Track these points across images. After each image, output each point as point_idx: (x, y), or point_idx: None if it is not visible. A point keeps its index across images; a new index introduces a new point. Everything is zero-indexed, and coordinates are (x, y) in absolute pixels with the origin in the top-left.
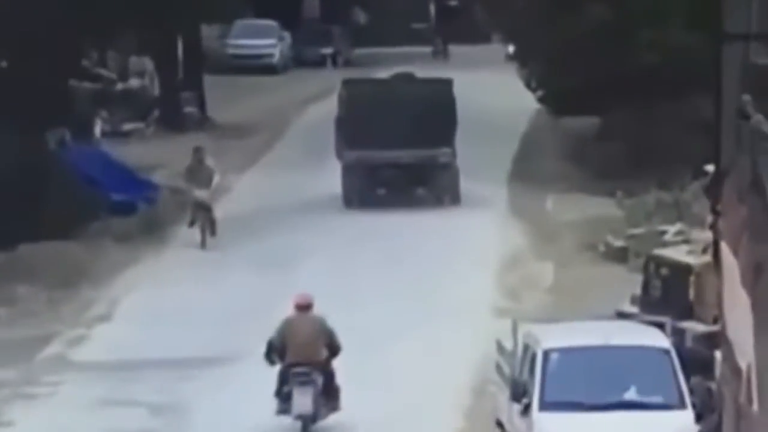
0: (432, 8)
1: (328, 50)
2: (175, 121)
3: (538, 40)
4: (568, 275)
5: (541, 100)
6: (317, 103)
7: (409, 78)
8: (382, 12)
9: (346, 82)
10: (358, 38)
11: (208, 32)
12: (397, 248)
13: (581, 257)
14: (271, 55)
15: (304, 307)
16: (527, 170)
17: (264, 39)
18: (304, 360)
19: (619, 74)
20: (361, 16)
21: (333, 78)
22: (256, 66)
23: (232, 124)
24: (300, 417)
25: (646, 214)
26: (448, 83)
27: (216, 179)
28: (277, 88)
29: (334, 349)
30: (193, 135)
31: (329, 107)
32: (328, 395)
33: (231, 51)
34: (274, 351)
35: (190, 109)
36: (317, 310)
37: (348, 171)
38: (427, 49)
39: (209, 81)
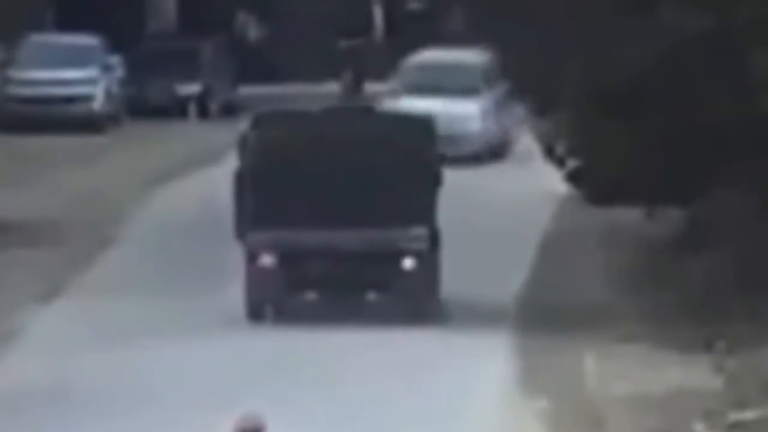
0: (378, 15)
1: (191, 88)
2: None
3: (569, 70)
4: None
5: (572, 178)
6: (175, 185)
7: (363, 113)
8: (289, 20)
9: (260, 119)
10: (246, 66)
11: None
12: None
13: None
14: (88, 98)
15: None
16: (549, 303)
17: (75, 69)
18: None
19: (721, 128)
20: (251, 28)
21: (200, 138)
22: (60, 117)
23: (15, 221)
24: None
25: (763, 384)
26: (426, 123)
27: None
28: (101, 156)
29: None
30: None
31: (197, 191)
32: None
33: (16, 91)
34: None
35: None
36: None
37: (256, 261)
38: (378, 86)
39: None
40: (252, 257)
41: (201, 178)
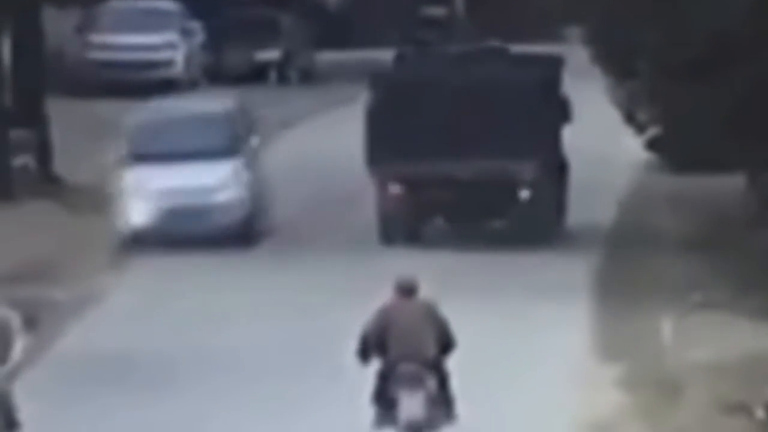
0: None
1: (271, 54)
2: None
3: (649, 37)
4: None
5: (653, 145)
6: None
7: (495, 52)
8: None
9: (399, 57)
10: (325, 34)
11: (57, 22)
12: None
13: (722, 428)
14: (169, 63)
15: (407, 292)
16: (627, 271)
17: (156, 34)
18: (413, 355)
19: None
20: None
21: (281, 102)
22: (140, 82)
23: (91, 186)
24: (410, 426)
25: None
26: (554, 63)
27: (19, 347)
28: None
29: (447, 344)
30: (28, 206)
31: (278, 155)
32: (443, 402)
33: (97, 55)
34: (371, 347)
35: (23, 161)
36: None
37: (387, 190)
38: None
39: (59, 109)
40: (382, 186)
41: (283, 141)
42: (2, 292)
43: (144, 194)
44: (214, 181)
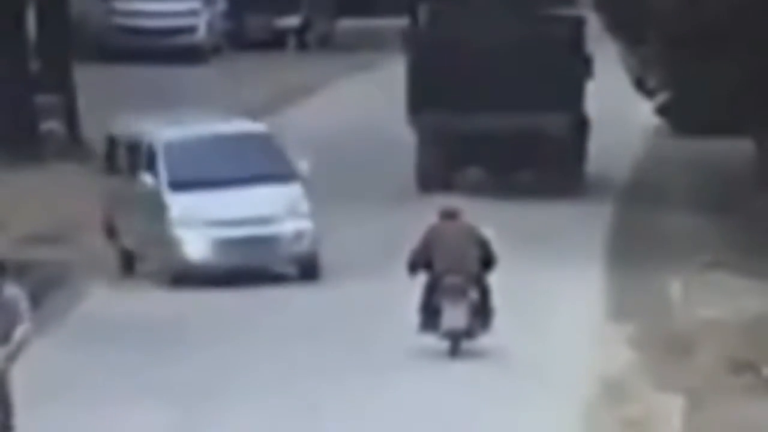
0: None
1: (290, 21)
2: (24, 144)
3: (661, 5)
4: (707, 419)
5: (662, 111)
6: (281, 113)
7: (523, 14)
8: None
9: (431, 13)
10: (345, 2)
11: None
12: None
13: (729, 385)
14: (191, 29)
15: (449, 215)
16: (638, 232)
17: (179, 1)
18: (457, 269)
19: None
20: None
21: (300, 68)
22: (165, 48)
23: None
24: (450, 333)
25: None
26: (578, 23)
27: (23, 329)
28: (202, 87)
29: (489, 261)
30: (55, 169)
31: (306, 117)
32: (483, 313)
33: (121, 21)
34: (419, 261)
35: (49, 125)
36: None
37: (426, 141)
38: None
39: (85, 74)
40: (423, 137)
41: (305, 106)
42: (30, 252)
43: (197, 225)
44: (278, 210)
